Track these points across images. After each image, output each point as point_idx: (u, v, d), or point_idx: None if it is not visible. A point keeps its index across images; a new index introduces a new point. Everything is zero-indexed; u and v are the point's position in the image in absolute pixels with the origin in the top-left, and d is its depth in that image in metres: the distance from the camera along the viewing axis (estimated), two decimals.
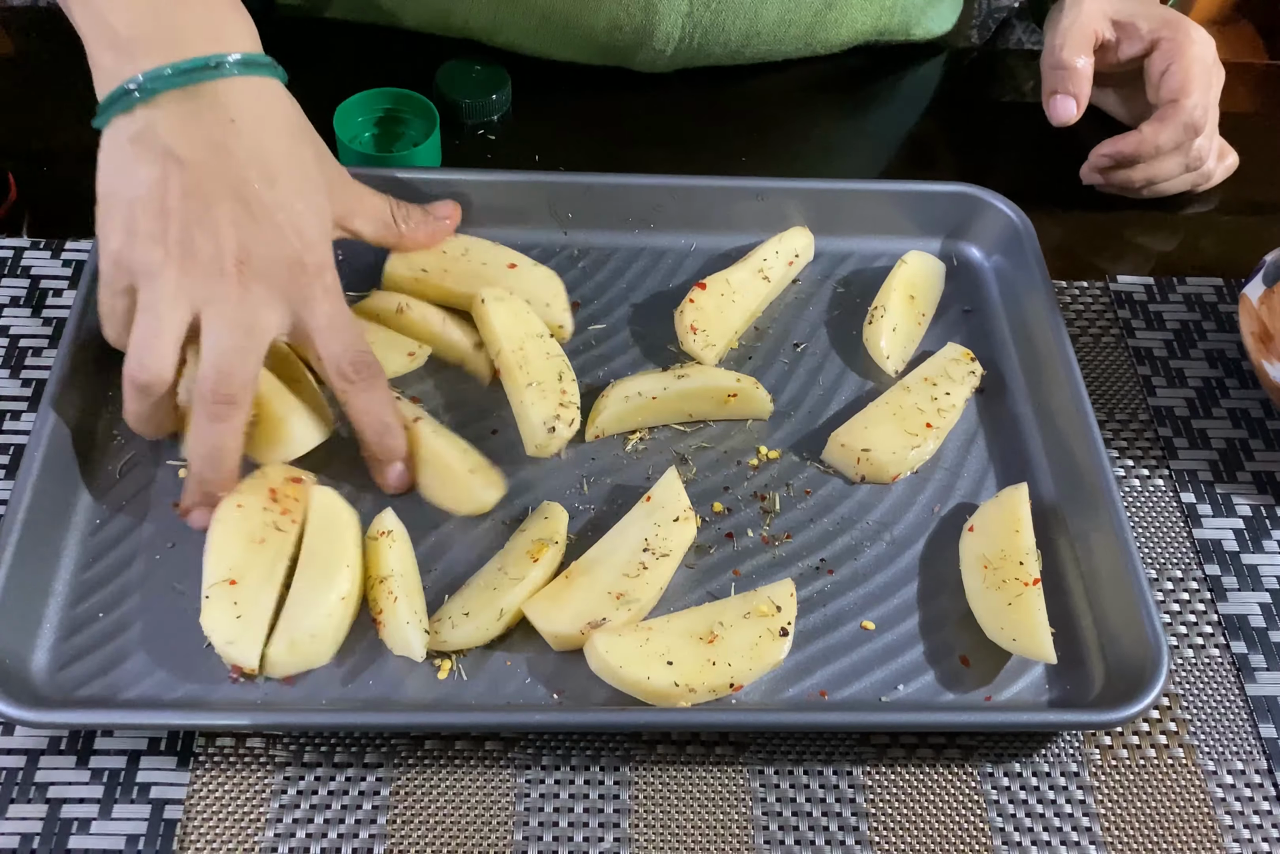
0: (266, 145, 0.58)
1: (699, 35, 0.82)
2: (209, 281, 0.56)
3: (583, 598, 0.59)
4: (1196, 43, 0.78)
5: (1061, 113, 0.80)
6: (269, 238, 0.56)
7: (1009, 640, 0.60)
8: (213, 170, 0.56)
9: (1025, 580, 0.61)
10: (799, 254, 0.76)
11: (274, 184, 0.57)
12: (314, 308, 0.58)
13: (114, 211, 0.57)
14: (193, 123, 0.56)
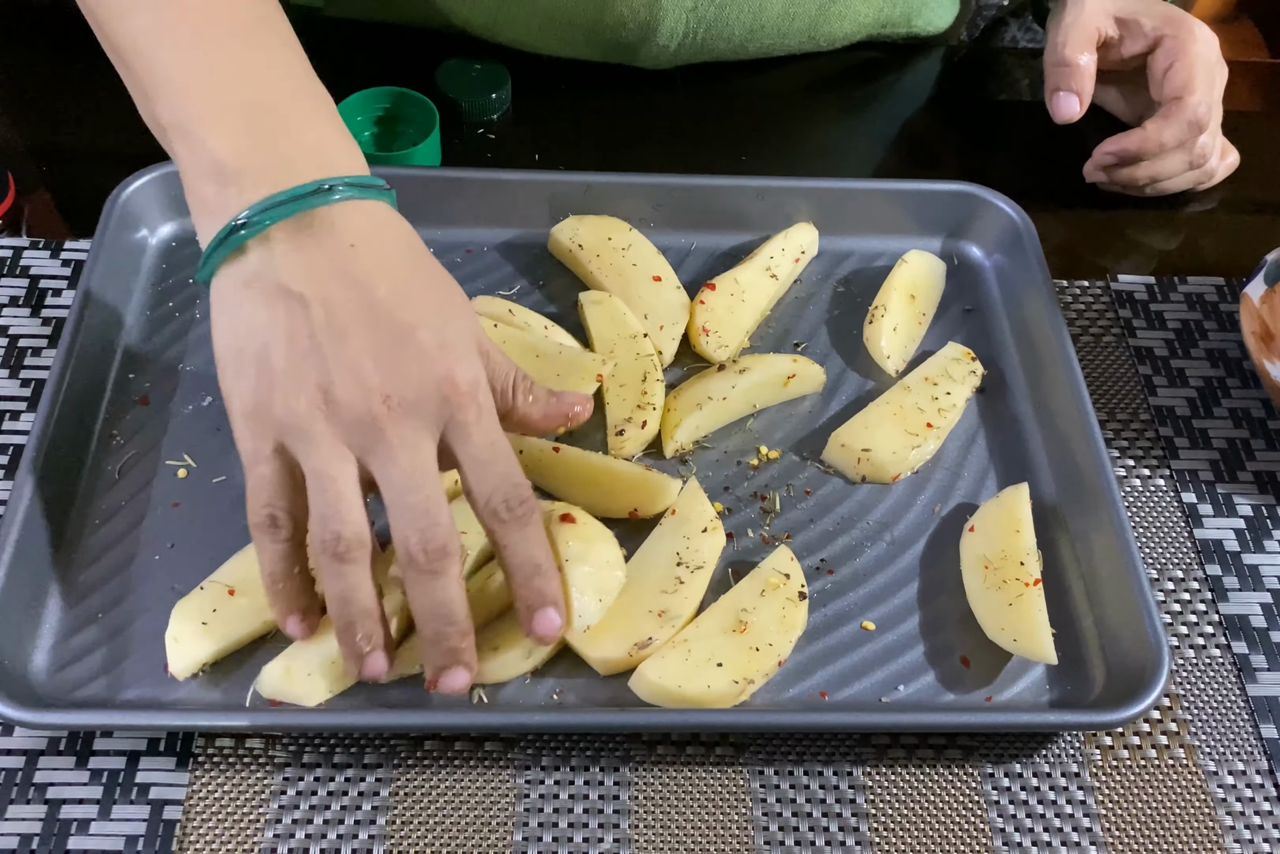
0: (392, 265, 0.52)
1: (703, 30, 0.82)
2: (361, 428, 0.50)
3: (625, 620, 0.59)
4: (1199, 40, 0.78)
5: (1064, 110, 0.79)
6: (413, 363, 0.50)
7: (1009, 641, 0.59)
8: (340, 301, 0.50)
9: (1026, 581, 0.60)
10: (804, 250, 0.76)
11: (408, 300, 0.51)
12: (468, 435, 0.52)
13: (242, 368, 0.51)
14: (310, 254, 0.51)
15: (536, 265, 0.75)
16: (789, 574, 0.61)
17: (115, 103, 0.83)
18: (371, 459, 0.51)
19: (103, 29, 0.57)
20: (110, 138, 0.82)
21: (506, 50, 0.85)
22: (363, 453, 0.51)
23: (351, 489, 0.51)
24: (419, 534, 0.51)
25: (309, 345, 0.50)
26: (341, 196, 0.52)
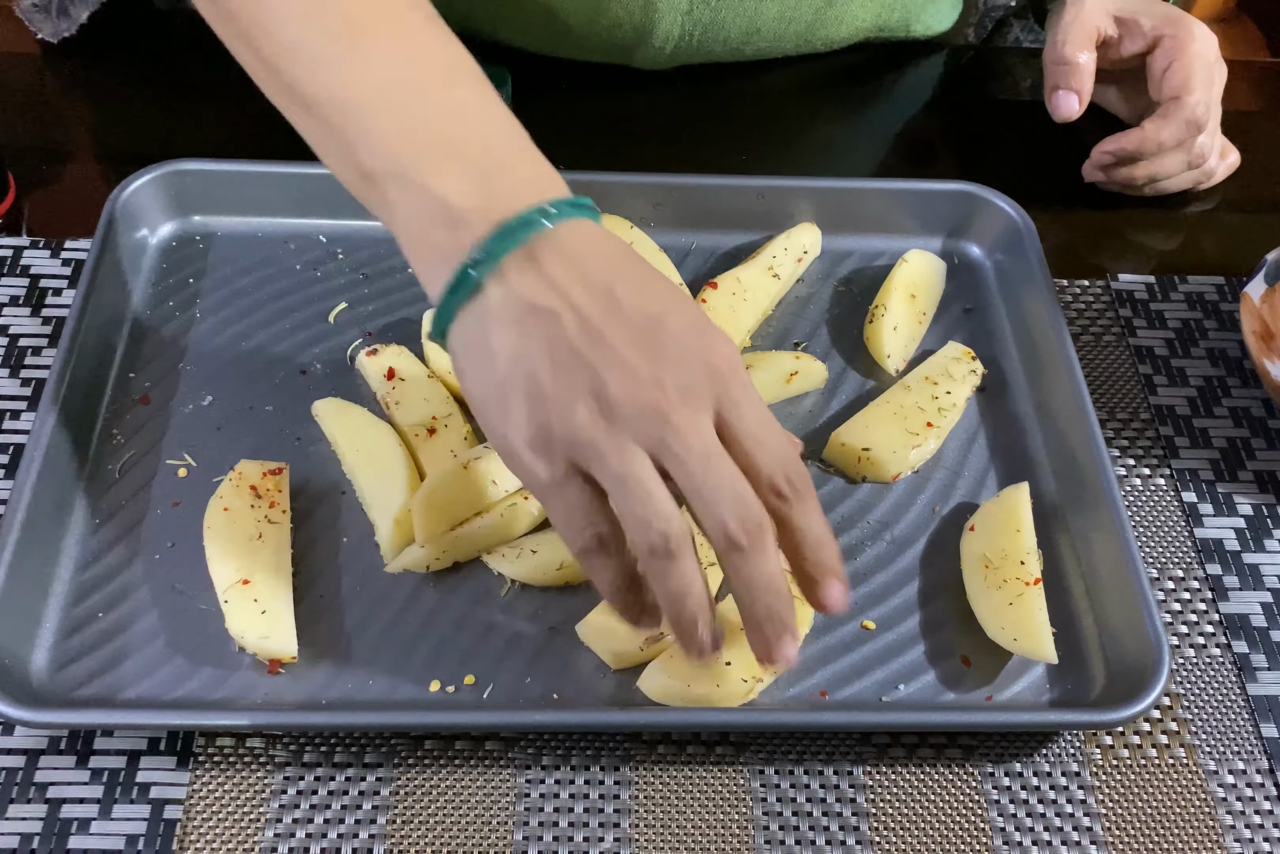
0: (621, 268, 0.52)
1: (699, 33, 0.82)
2: (646, 421, 0.49)
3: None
4: (1198, 40, 0.78)
5: (1064, 109, 0.79)
6: (674, 347, 0.50)
7: (1010, 640, 0.59)
8: (586, 305, 0.50)
9: (1026, 580, 0.60)
10: (807, 250, 0.76)
11: (645, 294, 0.51)
12: (741, 411, 0.50)
13: (509, 401, 0.50)
14: (545, 271, 0.50)
15: None
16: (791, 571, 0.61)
17: (115, 103, 0.84)
18: (662, 450, 0.49)
19: (293, 86, 0.55)
20: (110, 138, 0.82)
21: (506, 50, 0.85)
22: (652, 445, 0.49)
23: (658, 485, 0.49)
24: (734, 515, 0.49)
25: (570, 355, 0.49)
26: (560, 218, 0.51)
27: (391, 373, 0.67)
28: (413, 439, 0.65)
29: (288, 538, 0.61)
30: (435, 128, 0.53)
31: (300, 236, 0.75)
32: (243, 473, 0.63)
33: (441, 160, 0.52)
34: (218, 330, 0.71)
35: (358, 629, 0.60)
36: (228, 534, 0.60)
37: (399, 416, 0.66)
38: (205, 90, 0.85)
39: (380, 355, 0.68)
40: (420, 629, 0.60)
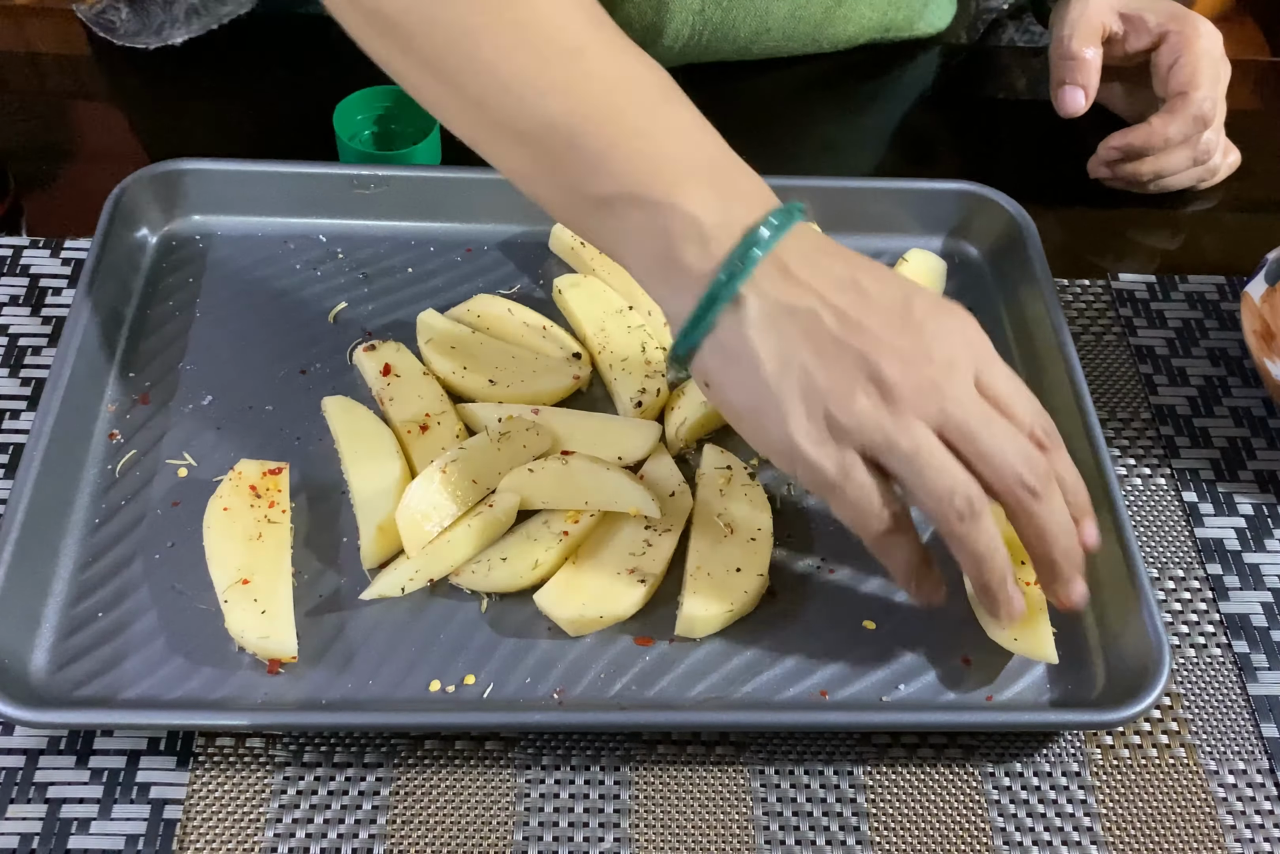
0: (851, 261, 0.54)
1: (709, 33, 0.82)
2: (923, 396, 0.51)
3: (594, 581, 0.60)
4: (1204, 36, 0.78)
5: (1069, 103, 0.80)
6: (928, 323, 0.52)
7: (1010, 640, 0.59)
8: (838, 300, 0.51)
9: (1026, 580, 0.60)
10: None
11: (883, 281, 0.53)
12: (993, 375, 0.53)
13: (785, 404, 0.51)
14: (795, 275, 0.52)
15: (537, 263, 0.75)
16: (729, 465, 0.64)
17: (115, 103, 0.84)
18: (944, 420, 0.51)
19: (506, 120, 0.55)
20: (110, 138, 0.82)
21: None
22: (933, 418, 0.51)
23: (949, 455, 0.51)
24: (1026, 467, 0.52)
25: (836, 347, 0.51)
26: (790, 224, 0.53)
27: (387, 368, 0.67)
28: (405, 435, 0.65)
29: (288, 538, 0.61)
30: (667, 149, 0.54)
31: (300, 236, 0.75)
32: (242, 472, 0.63)
33: (682, 179, 0.53)
34: (218, 330, 0.71)
35: (358, 629, 0.60)
36: (228, 534, 0.60)
37: (393, 412, 0.66)
38: (205, 90, 0.85)
39: (378, 351, 0.69)
40: (420, 629, 0.60)
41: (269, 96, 0.84)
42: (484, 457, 0.63)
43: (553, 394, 0.68)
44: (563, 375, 0.68)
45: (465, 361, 0.68)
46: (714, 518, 0.63)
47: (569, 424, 0.66)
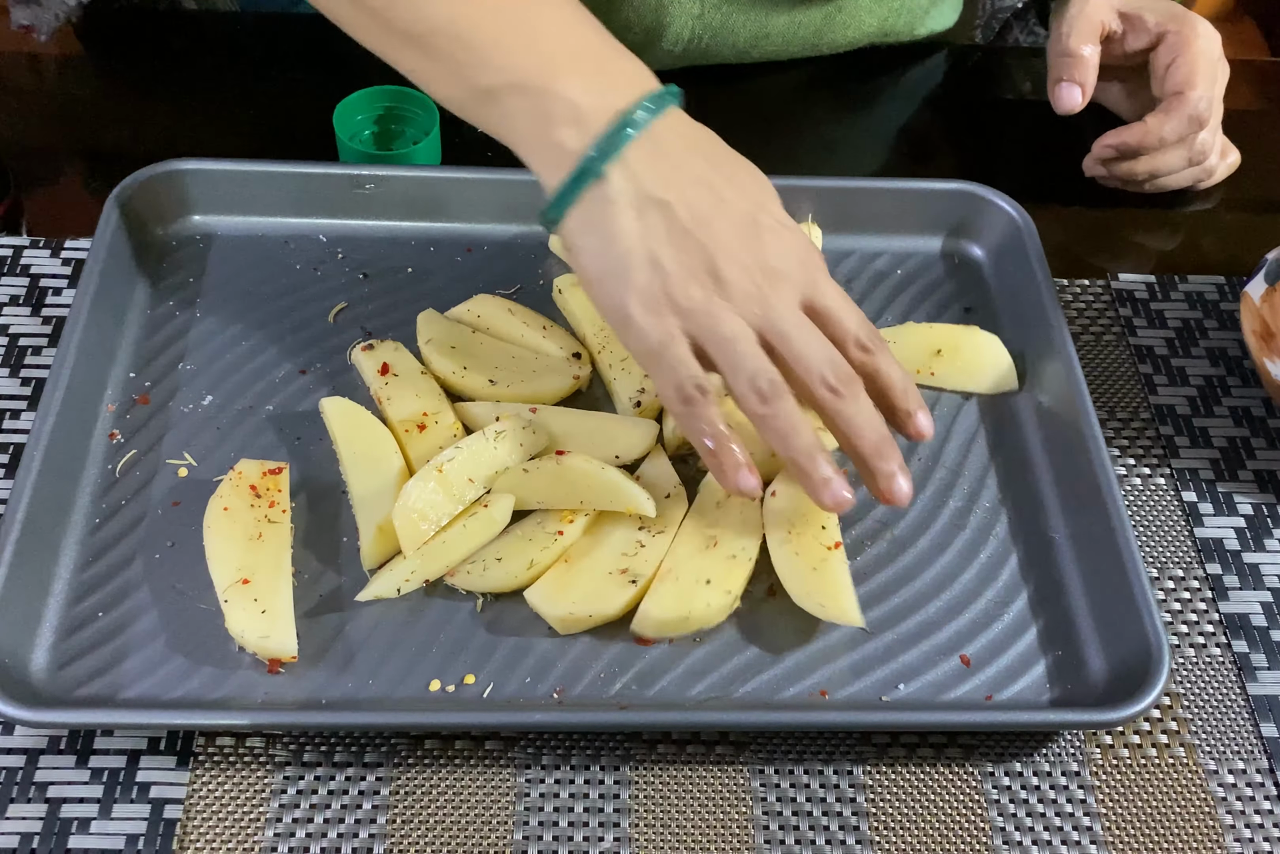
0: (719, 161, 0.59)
1: (708, 37, 0.82)
2: (750, 300, 0.56)
3: (585, 580, 0.60)
4: (1202, 37, 0.78)
5: (1067, 101, 0.80)
6: (770, 239, 0.57)
7: (817, 606, 0.60)
8: (696, 199, 0.57)
9: (827, 544, 0.61)
10: None
11: (741, 190, 0.59)
12: (823, 290, 0.58)
13: (631, 272, 0.56)
14: (663, 163, 0.57)
15: (537, 263, 0.75)
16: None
17: (115, 103, 0.84)
18: (763, 323, 0.57)
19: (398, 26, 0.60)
20: (110, 138, 0.82)
21: None
22: (754, 319, 0.57)
23: (759, 348, 0.57)
24: (830, 370, 0.57)
25: (686, 238, 0.56)
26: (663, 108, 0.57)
27: (385, 368, 0.68)
28: (403, 435, 0.65)
29: (288, 537, 0.61)
30: (546, 41, 0.58)
31: (300, 236, 0.75)
32: (242, 472, 0.63)
33: (561, 66, 0.57)
34: (218, 330, 0.71)
35: (358, 629, 0.60)
36: (228, 534, 0.60)
37: (390, 411, 0.66)
38: (205, 90, 0.85)
39: (376, 350, 0.69)
40: (420, 628, 0.60)
41: (269, 96, 0.84)
42: (481, 456, 0.63)
43: (553, 394, 0.68)
44: (563, 375, 0.68)
45: (465, 361, 0.68)
46: (703, 527, 0.62)
47: (566, 423, 0.66)
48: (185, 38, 0.89)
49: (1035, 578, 0.64)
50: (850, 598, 0.59)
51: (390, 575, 0.60)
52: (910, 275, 0.77)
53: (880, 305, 0.76)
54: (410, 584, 0.60)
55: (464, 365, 0.68)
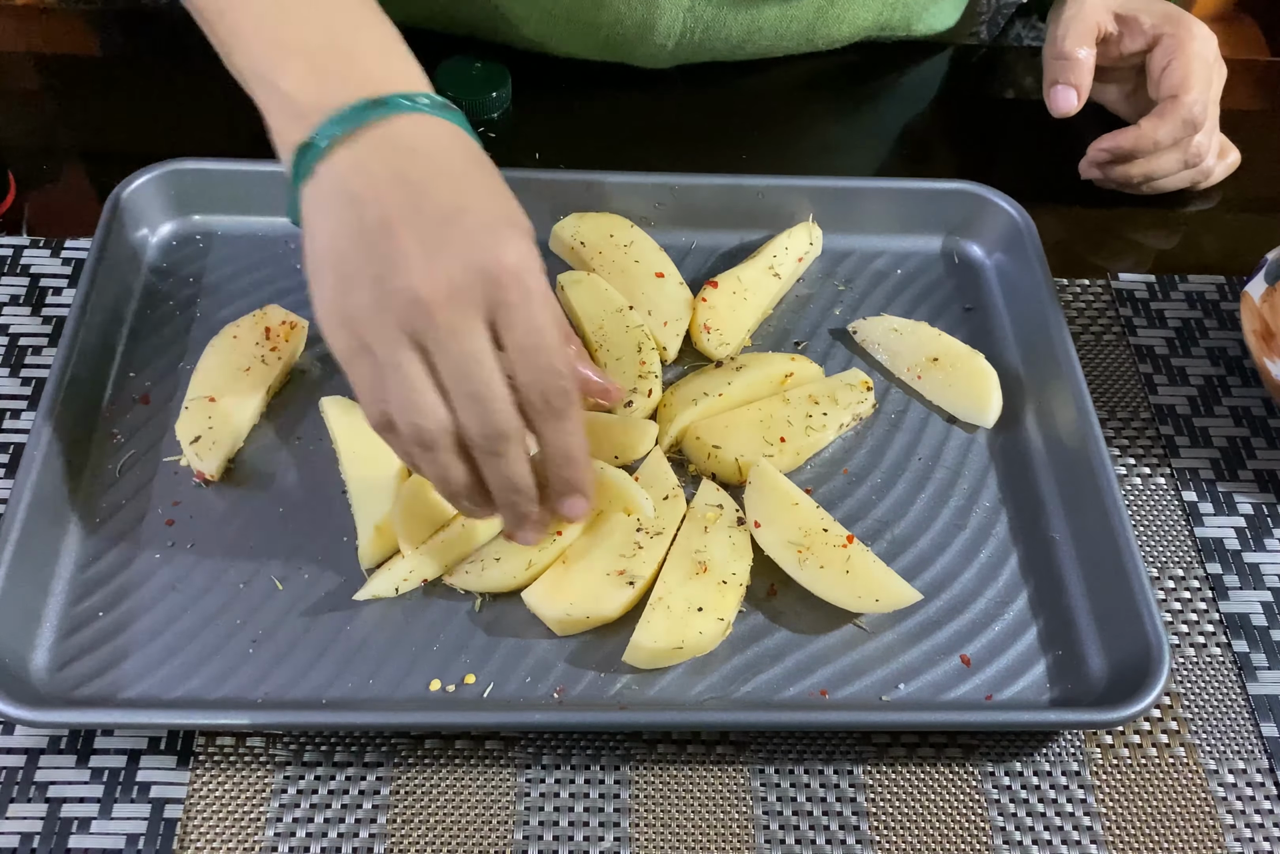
0: (450, 165, 0.54)
1: (700, 30, 0.82)
2: (412, 317, 0.50)
3: (583, 581, 0.60)
4: (1198, 39, 0.78)
5: (1062, 103, 0.79)
6: (458, 247, 0.51)
7: (872, 603, 0.60)
8: (389, 197, 0.52)
9: (840, 543, 0.61)
10: (808, 249, 0.76)
11: (458, 191, 0.53)
12: (512, 320, 0.51)
13: (319, 273, 0.53)
14: (370, 159, 0.53)
15: None
16: (721, 504, 0.63)
17: (115, 102, 0.84)
18: (425, 345, 0.51)
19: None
20: (110, 137, 0.82)
21: (507, 49, 0.85)
22: (420, 341, 0.51)
23: (422, 379, 0.51)
24: (476, 421, 0.52)
25: (364, 242, 0.51)
26: (397, 110, 0.53)
27: None
28: None
29: (270, 380, 0.66)
30: (290, 30, 0.56)
31: (300, 236, 0.75)
32: (267, 314, 0.68)
33: (287, 57, 0.55)
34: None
35: (358, 629, 0.60)
36: (224, 358, 0.66)
37: None
38: (205, 90, 0.84)
39: None
40: (421, 628, 0.60)
41: None
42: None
43: None
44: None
45: None
46: (691, 553, 0.61)
47: None
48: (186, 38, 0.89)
49: (1035, 578, 0.64)
50: (895, 579, 0.60)
51: (388, 575, 0.60)
52: (910, 275, 0.77)
53: (880, 305, 0.76)
54: (409, 583, 0.60)
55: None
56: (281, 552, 0.62)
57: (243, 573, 0.61)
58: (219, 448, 0.63)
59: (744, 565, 0.62)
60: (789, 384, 0.69)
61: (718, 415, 0.67)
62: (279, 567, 0.62)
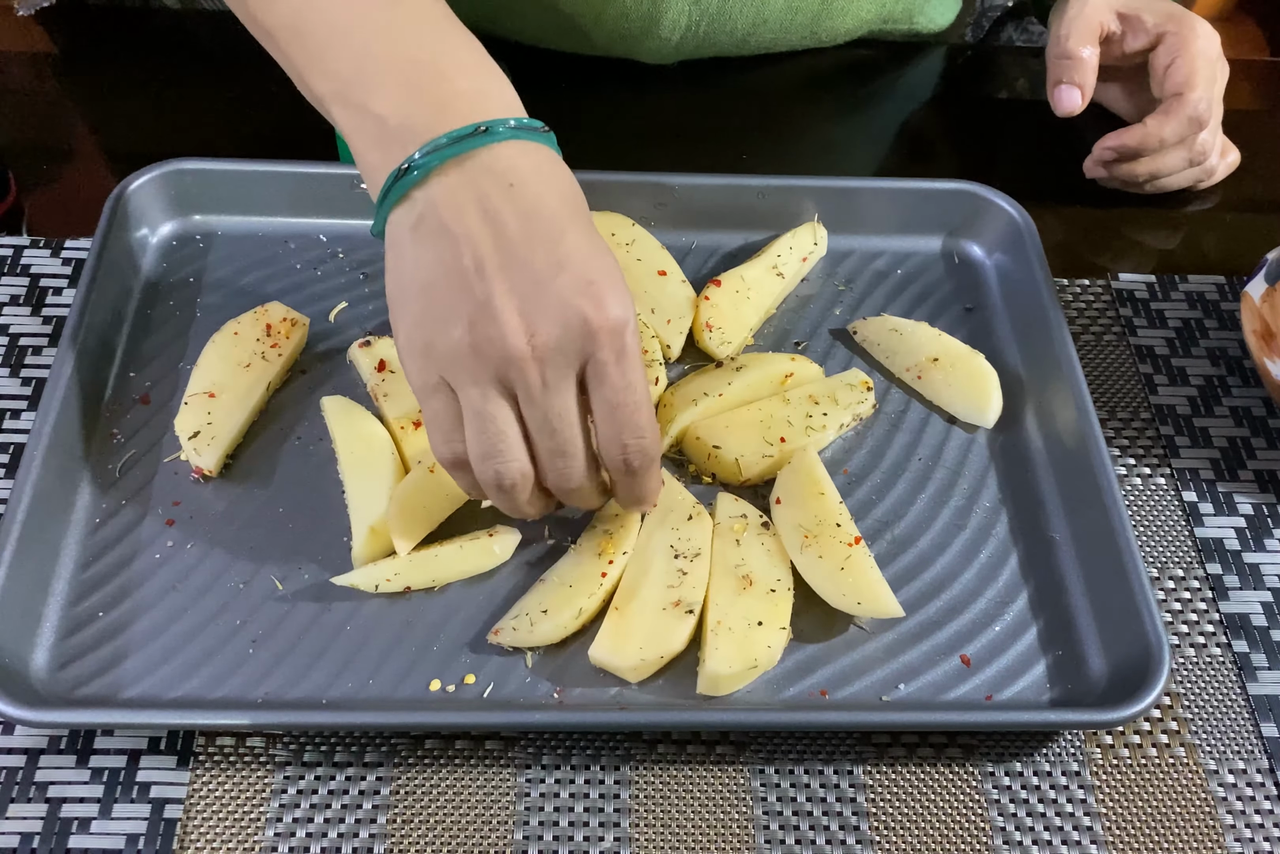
0: (547, 204, 0.52)
1: (705, 23, 0.82)
2: (505, 368, 0.51)
3: (641, 623, 0.59)
4: (1201, 37, 0.78)
5: (1066, 103, 0.79)
6: (556, 300, 0.50)
7: (854, 604, 0.60)
8: (488, 239, 0.51)
9: (847, 541, 0.61)
10: (812, 250, 0.76)
11: (558, 241, 0.52)
12: (605, 376, 0.52)
13: (406, 304, 0.52)
14: (468, 193, 0.51)
15: None
16: (744, 514, 0.63)
17: (115, 102, 0.84)
18: (519, 393, 0.52)
19: (255, 17, 0.58)
20: (110, 138, 0.82)
21: (507, 48, 0.85)
22: (510, 390, 0.52)
23: (510, 426, 0.52)
24: (556, 475, 0.55)
25: (460, 282, 0.51)
26: (498, 138, 0.52)
27: (383, 364, 0.68)
28: (399, 431, 0.65)
29: (270, 376, 0.66)
30: (373, 47, 0.54)
31: (300, 236, 0.75)
32: (269, 311, 0.68)
33: (378, 79, 0.54)
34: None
35: (358, 629, 0.60)
36: (224, 353, 0.66)
37: (387, 408, 0.66)
38: (205, 90, 0.85)
39: (373, 347, 0.69)
40: (421, 628, 0.60)
41: (269, 96, 0.84)
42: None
43: None
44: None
45: None
46: (732, 569, 0.61)
47: None
48: (185, 37, 0.89)
49: (1035, 578, 0.64)
50: (884, 590, 0.60)
51: (375, 570, 0.60)
52: (910, 275, 0.77)
53: (880, 305, 0.76)
54: (391, 585, 0.60)
55: None
56: (281, 552, 0.62)
57: (243, 573, 0.61)
58: (218, 443, 0.64)
59: (785, 569, 0.61)
60: (789, 384, 0.69)
61: (718, 415, 0.67)
62: (279, 567, 0.62)
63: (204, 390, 0.65)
